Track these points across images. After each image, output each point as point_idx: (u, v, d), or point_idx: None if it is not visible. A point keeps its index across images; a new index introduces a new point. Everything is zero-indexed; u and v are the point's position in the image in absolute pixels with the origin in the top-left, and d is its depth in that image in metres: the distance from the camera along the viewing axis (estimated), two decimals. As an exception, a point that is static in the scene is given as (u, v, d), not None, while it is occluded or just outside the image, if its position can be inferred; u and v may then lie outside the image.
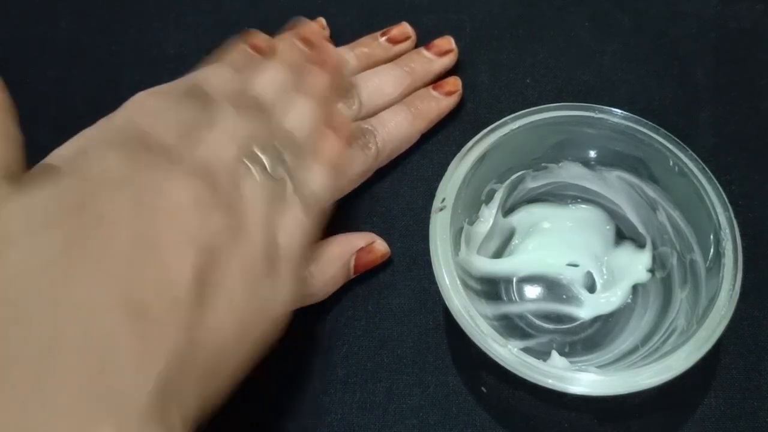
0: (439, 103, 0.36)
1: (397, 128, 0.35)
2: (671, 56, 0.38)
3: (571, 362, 0.28)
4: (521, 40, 0.39)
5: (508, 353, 0.26)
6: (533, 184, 0.33)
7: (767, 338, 0.31)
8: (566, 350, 0.30)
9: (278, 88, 0.31)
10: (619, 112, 0.31)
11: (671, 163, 0.30)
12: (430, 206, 0.29)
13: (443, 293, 0.27)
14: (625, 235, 0.33)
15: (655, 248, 0.31)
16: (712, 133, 0.36)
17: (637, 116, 0.31)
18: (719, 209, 0.28)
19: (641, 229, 0.32)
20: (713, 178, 0.29)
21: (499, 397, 0.30)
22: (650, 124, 0.31)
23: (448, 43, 0.37)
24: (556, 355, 0.29)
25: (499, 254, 0.33)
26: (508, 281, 0.32)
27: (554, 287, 0.32)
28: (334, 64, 0.32)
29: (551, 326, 0.31)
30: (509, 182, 0.32)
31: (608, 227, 0.33)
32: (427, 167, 0.36)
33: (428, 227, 0.29)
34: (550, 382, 0.25)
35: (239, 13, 0.41)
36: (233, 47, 0.32)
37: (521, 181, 0.33)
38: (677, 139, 0.30)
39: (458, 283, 0.27)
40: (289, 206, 0.28)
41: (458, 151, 0.30)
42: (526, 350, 0.26)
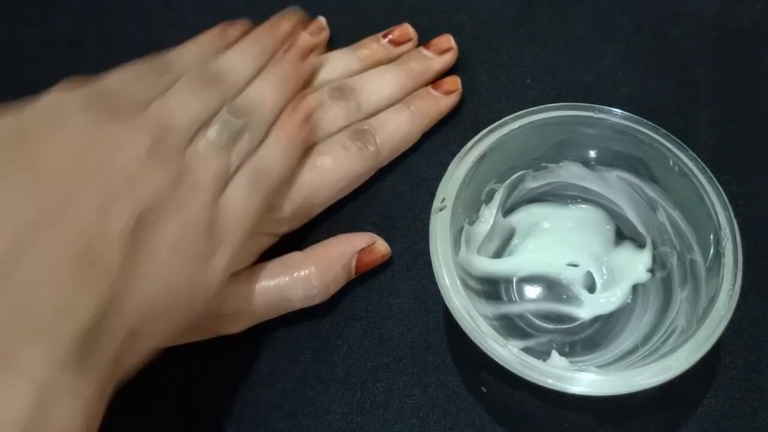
0: (438, 102, 0.36)
1: (396, 128, 0.34)
2: (671, 56, 0.38)
3: (571, 362, 0.28)
4: (521, 40, 0.39)
5: (508, 353, 0.26)
6: (533, 184, 0.33)
7: (767, 338, 0.31)
8: (566, 350, 0.30)
9: (241, 66, 0.31)
10: (619, 112, 0.31)
11: (671, 163, 0.30)
12: (430, 206, 0.29)
13: (443, 293, 0.27)
14: (625, 235, 0.33)
15: (655, 248, 0.31)
16: (712, 133, 0.36)
17: (637, 116, 0.31)
18: (719, 209, 0.28)
19: (641, 229, 0.32)
20: (713, 178, 0.29)
21: (499, 397, 0.30)
22: (650, 124, 0.31)
23: (447, 41, 0.37)
24: (556, 355, 0.29)
25: (499, 254, 0.33)
26: (508, 281, 0.32)
27: (554, 287, 0.32)
28: (302, 49, 0.34)
29: (551, 326, 0.31)
30: (509, 182, 0.32)
31: (608, 227, 0.33)
32: (427, 167, 0.36)
33: (428, 227, 0.29)
34: (550, 381, 0.25)
35: (239, 13, 0.41)
36: (209, 31, 0.34)
37: (521, 181, 0.33)
38: (677, 139, 0.30)
39: (458, 283, 0.27)
40: (237, 179, 0.28)
41: (458, 151, 0.30)
42: (526, 350, 0.26)
